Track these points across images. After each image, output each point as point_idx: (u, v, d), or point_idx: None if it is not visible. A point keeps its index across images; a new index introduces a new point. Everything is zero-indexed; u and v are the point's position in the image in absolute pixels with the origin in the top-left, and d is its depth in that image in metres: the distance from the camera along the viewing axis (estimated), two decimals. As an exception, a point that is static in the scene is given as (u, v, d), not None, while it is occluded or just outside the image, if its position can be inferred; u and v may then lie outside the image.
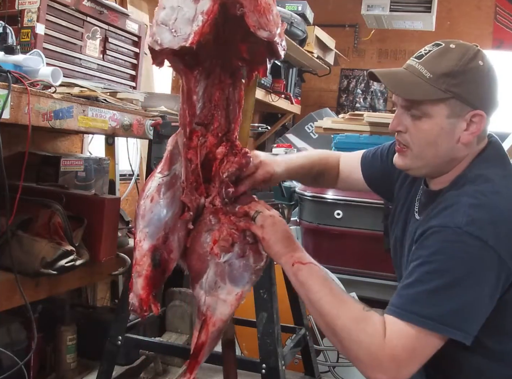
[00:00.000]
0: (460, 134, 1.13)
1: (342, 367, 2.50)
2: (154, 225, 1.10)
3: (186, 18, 0.97)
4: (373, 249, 2.65)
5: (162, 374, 2.40)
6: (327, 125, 3.26)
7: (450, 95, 1.09)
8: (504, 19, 5.18)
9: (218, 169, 1.16)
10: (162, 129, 2.02)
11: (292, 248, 1.12)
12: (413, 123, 1.14)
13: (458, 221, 1.02)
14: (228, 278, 1.13)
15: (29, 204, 1.81)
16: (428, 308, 0.99)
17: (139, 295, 1.11)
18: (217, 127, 1.16)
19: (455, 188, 1.13)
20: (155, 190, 1.13)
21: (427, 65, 1.12)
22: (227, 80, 1.15)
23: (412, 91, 1.12)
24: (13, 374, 1.71)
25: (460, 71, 1.10)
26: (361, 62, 5.62)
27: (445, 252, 1.01)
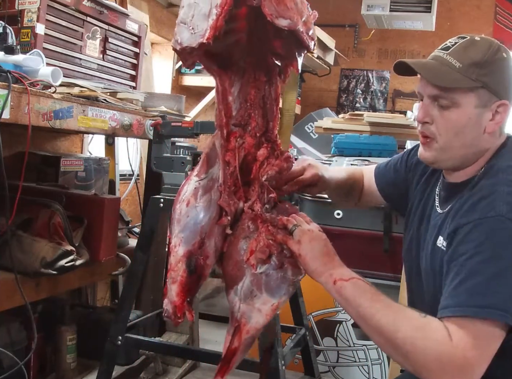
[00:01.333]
0: (486, 124, 1.13)
1: (342, 367, 2.50)
2: (190, 230, 1.06)
3: (202, 14, 0.95)
4: (373, 249, 2.65)
5: (162, 374, 2.40)
6: (327, 125, 3.26)
7: (480, 84, 1.11)
8: (504, 19, 5.18)
9: (258, 171, 1.12)
10: (162, 129, 2.02)
11: (331, 266, 1.08)
12: (440, 113, 1.14)
13: (500, 210, 1.03)
14: (264, 288, 1.08)
15: (29, 204, 1.81)
16: (489, 298, 0.97)
17: (174, 302, 1.07)
18: (254, 127, 1.12)
19: (487, 177, 1.12)
20: (192, 194, 1.09)
21: (455, 55, 1.13)
22: (262, 78, 1.11)
23: (444, 79, 1.12)
24: (13, 374, 1.71)
25: (488, 61, 1.12)
26: (361, 62, 5.62)
27: (492, 240, 1.01)
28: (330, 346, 2.51)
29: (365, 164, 2.78)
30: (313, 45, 1.07)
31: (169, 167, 2.00)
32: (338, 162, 2.90)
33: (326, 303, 2.49)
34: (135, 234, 2.55)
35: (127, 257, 2.17)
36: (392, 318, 1.01)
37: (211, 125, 2.02)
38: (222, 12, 0.93)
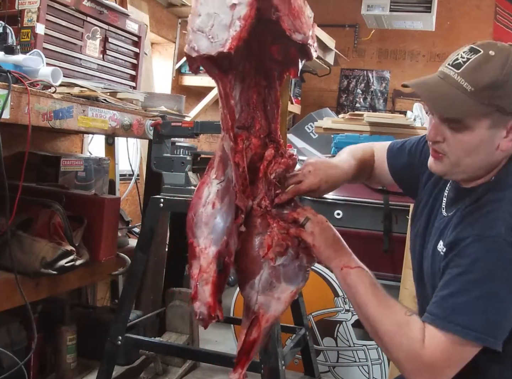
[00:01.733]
0: (500, 141, 1.09)
1: (342, 367, 2.50)
2: (217, 231, 1.12)
3: (223, 24, 0.99)
4: (373, 249, 2.65)
5: (162, 374, 2.40)
6: (327, 125, 3.26)
7: (493, 109, 1.04)
8: (504, 19, 5.18)
9: (266, 170, 1.18)
10: (162, 129, 2.02)
11: (341, 253, 1.15)
12: (452, 134, 1.09)
13: (499, 230, 1.02)
14: (283, 278, 1.16)
15: (29, 204, 1.81)
16: (468, 318, 1.00)
17: (208, 303, 1.12)
18: (258, 129, 1.18)
19: (494, 191, 1.10)
20: (215, 196, 1.14)
21: (467, 77, 1.05)
22: (262, 82, 1.17)
23: (453, 108, 1.06)
24: (13, 374, 1.71)
25: (504, 81, 1.04)
26: (361, 62, 5.63)
27: (485, 261, 1.01)
28: (330, 346, 2.51)
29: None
30: (315, 55, 1.13)
31: (169, 167, 2.00)
32: (338, 162, 2.90)
33: (326, 303, 2.49)
34: (135, 234, 2.55)
35: (127, 257, 2.17)
36: (380, 310, 1.08)
37: (211, 125, 2.04)
38: (246, 25, 0.99)
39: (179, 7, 3.56)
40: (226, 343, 2.69)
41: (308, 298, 2.30)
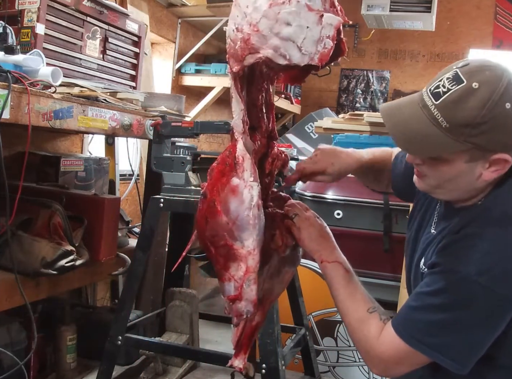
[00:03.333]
0: (482, 171, 1.04)
1: (342, 367, 2.50)
2: (261, 231, 1.16)
3: (314, 40, 1.06)
4: (373, 249, 2.65)
5: (162, 374, 2.40)
6: (327, 125, 3.26)
7: (469, 147, 0.99)
8: (504, 19, 5.18)
9: (271, 167, 1.27)
10: (162, 129, 2.02)
11: (323, 247, 1.23)
12: (429, 162, 1.07)
13: (470, 270, 1.02)
14: (287, 263, 1.27)
15: (29, 204, 1.81)
16: (425, 335, 1.05)
17: (254, 300, 1.15)
18: (264, 130, 1.26)
19: (478, 222, 1.07)
20: (257, 198, 1.15)
21: (443, 111, 0.99)
22: (265, 85, 1.24)
23: (427, 147, 1.03)
24: (13, 374, 1.71)
25: (482, 122, 0.97)
26: (361, 62, 5.62)
27: (453, 293, 1.03)
28: (330, 346, 2.51)
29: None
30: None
31: (169, 167, 2.00)
32: (338, 162, 2.90)
33: (326, 303, 2.49)
34: (135, 234, 2.55)
35: (127, 257, 2.17)
36: (347, 304, 1.18)
37: (211, 125, 2.04)
38: (334, 46, 1.08)
39: (179, 7, 3.56)
40: (226, 343, 2.69)
41: (308, 298, 2.30)
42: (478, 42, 5.13)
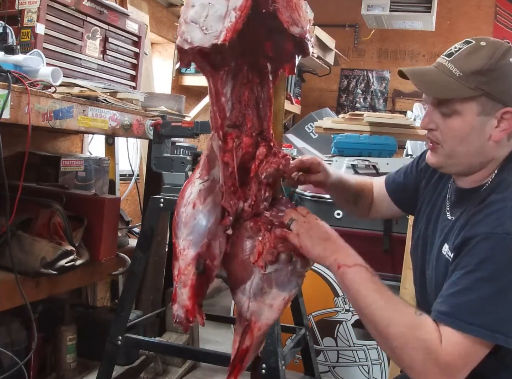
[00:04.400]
0: (491, 131, 1.11)
1: (342, 367, 2.50)
2: (198, 232, 1.07)
3: (218, 15, 0.94)
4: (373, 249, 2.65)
5: (162, 374, 2.40)
6: (327, 125, 3.26)
7: (480, 93, 1.08)
8: (504, 19, 5.18)
9: (257, 170, 1.12)
10: (162, 129, 2.02)
11: (334, 250, 1.09)
12: (443, 120, 1.13)
13: (507, 227, 1.02)
14: (275, 284, 1.10)
15: (29, 204, 1.81)
16: (482, 317, 0.99)
17: (185, 306, 1.07)
18: (250, 127, 1.12)
19: (498, 191, 1.10)
20: (196, 196, 1.09)
21: (457, 63, 1.11)
22: (255, 79, 1.11)
23: (441, 90, 1.11)
24: (13, 374, 1.71)
25: (490, 69, 1.08)
26: (361, 62, 5.62)
27: (494, 259, 1.01)
28: (330, 346, 2.51)
29: (365, 164, 2.78)
30: (312, 51, 1.09)
31: (169, 167, 2.00)
32: (338, 162, 2.90)
33: (326, 303, 2.49)
34: (135, 234, 2.55)
35: (127, 257, 2.17)
36: (387, 311, 1.03)
37: (211, 125, 2.04)
38: (242, 15, 0.94)
39: (179, 7, 3.56)
40: (226, 343, 2.69)
41: (308, 298, 2.30)
42: (478, 42, 5.12)
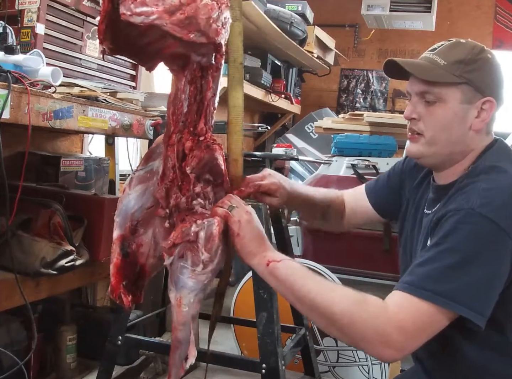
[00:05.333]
0: (472, 121, 1.17)
1: (342, 367, 2.50)
2: (122, 215, 1.13)
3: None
4: (373, 249, 2.65)
5: (162, 374, 2.40)
6: (327, 125, 3.26)
7: (463, 80, 1.15)
8: (504, 19, 5.18)
9: (186, 164, 1.11)
10: (162, 129, 2.02)
11: (264, 248, 1.10)
12: (427, 109, 1.18)
13: (472, 203, 1.05)
14: (173, 281, 1.10)
15: (29, 204, 1.81)
16: (439, 285, 1.00)
17: (111, 282, 1.12)
18: (190, 122, 1.11)
19: (470, 177, 1.14)
20: (127, 183, 1.16)
21: (441, 55, 1.19)
22: (198, 73, 1.10)
23: (429, 73, 1.17)
24: (13, 374, 1.71)
25: (472, 59, 1.16)
26: (361, 62, 5.62)
27: (458, 232, 1.03)
28: (330, 346, 2.51)
29: (365, 164, 2.79)
30: (199, 35, 0.97)
31: (169, 167, 2.00)
32: (338, 162, 2.90)
33: (326, 303, 2.49)
34: (135, 234, 2.54)
35: (127, 257, 2.16)
36: (327, 293, 1.05)
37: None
38: (102, 18, 0.99)
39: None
40: (226, 343, 2.69)
41: (308, 298, 2.29)
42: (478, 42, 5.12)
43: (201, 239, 1.07)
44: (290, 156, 3.24)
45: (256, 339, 1.75)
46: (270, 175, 1.34)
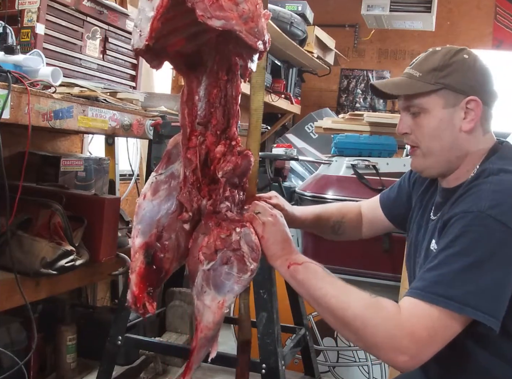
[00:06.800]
0: (460, 123, 1.17)
1: (342, 367, 2.51)
2: (146, 222, 1.10)
3: (147, 17, 0.96)
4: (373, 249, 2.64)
5: (162, 374, 2.40)
6: (327, 125, 3.26)
7: (440, 87, 1.17)
8: (504, 19, 5.18)
9: (214, 168, 1.11)
10: (162, 129, 2.02)
11: (288, 251, 1.12)
12: (414, 121, 1.21)
13: (481, 205, 1.04)
14: (212, 284, 1.10)
15: (29, 204, 1.81)
16: (450, 289, 0.99)
17: (133, 292, 1.09)
18: (215, 125, 1.11)
19: (478, 179, 1.14)
20: (148, 188, 1.13)
21: (416, 67, 1.22)
22: (224, 76, 1.10)
23: (405, 88, 1.21)
24: (13, 374, 1.71)
25: (445, 65, 1.17)
26: (361, 62, 5.62)
27: (468, 235, 1.02)
28: (330, 346, 2.51)
29: (365, 164, 2.78)
30: (262, 44, 0.99)
31: (169, 167, 2.00)
32: (338, 162, 2.90)
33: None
34: (135, 234, 2.54)
35: (127, 257, 2.16)
36: (342, 297, 1.05)
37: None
38: (157, 15, 0.94)
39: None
40: (226, 343, 2.69)
41: (308, 298, 2.30)
42: (478, 42, 5.13)
43: (244, 248, 1.08)
44: (290, 156, 3.24)
45: (256, 339, 1.75)
46: (276, 197, 1.35)
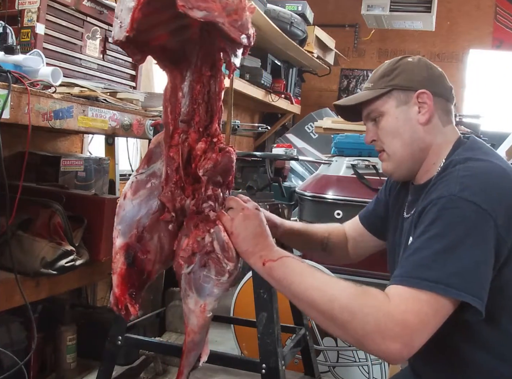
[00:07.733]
0: (417, 117, 1.24)
1: (342, 367, 2.50)
2: (126, 222, 1.07)
3: (127, 8, 0.92)
4: (373, 249, 2.64)
5: (162, 374, 2.40)
6: (327, 125, 3.26)
7: (389, 89, 1.25)
8: (504, 19, 5.18)
9: (196, 166, 1.07)
10: (162, 129, 2.02)
11: (262, 247, 1.06)
12: (376, 127, 1.29)
13: (452, 189, 1.06)
14: (194, 287, 1.07)
15: (29, 204, 1.81)
16: (433, 271, 0.99)
17: (115, 293, 1.07)
18: (198, 122, 1.07)
19: (446, 170, 1.16)
20: (128, 188, 1.10)
21: (369, 80, 1.32)
22: (207, 72, 1.06)
23: (360, 98, 1.31)
24: (13, 374, 1.71)
25: (391, 69, 1.27)
26: (361, 62, 5.63)
27: (443, 218, 1.04)
28: (330, 346, 2.51)
29: (365, 164, 2.78)
30: (245, 38, 0.96)
31: (169, 167, 1.99)
32: (338, 162, 2.90)
33: (326, 303, 2.49)
34: (135, 234, 2.54)
35: (127, 257, 2.16)
36: (326, 289, 1.01)
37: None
38: (138, 5, 0.90)
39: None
40: (226, 343, 2.69)
41: (308, 298, 2.29)
42: (478, 42, 5.13)
43: (217, 249, 1.05)
44: (290, 156, 3.24)
45: (256, 339, 1.75)
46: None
